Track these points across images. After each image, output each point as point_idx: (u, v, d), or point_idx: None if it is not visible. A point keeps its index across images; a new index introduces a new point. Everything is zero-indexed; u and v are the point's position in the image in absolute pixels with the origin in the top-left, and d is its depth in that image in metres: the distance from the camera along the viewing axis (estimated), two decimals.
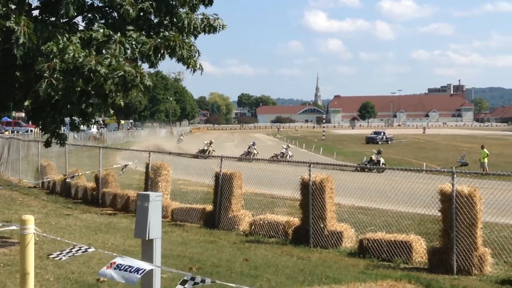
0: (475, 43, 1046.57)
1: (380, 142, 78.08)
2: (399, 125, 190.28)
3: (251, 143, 53.93)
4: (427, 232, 13.45)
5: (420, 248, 12.33)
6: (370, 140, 79.69)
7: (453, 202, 11.27)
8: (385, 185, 17.58)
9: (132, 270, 5.59)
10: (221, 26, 11.31)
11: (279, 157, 45.68)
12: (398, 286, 9.95)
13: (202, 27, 11.13)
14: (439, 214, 11.67)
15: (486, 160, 38.10)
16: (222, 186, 15.88)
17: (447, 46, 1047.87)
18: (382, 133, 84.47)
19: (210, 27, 11.21)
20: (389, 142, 79.59)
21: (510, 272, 10.81)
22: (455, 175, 11.65)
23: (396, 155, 53.23)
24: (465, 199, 11.21)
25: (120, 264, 5.70)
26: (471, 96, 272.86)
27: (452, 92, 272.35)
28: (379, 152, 43.34)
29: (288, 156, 47.71)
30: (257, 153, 48.97)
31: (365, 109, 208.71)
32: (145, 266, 5.66)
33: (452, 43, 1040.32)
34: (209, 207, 16.45)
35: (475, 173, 15.59)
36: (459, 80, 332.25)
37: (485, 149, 38.99)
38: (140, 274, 5.52)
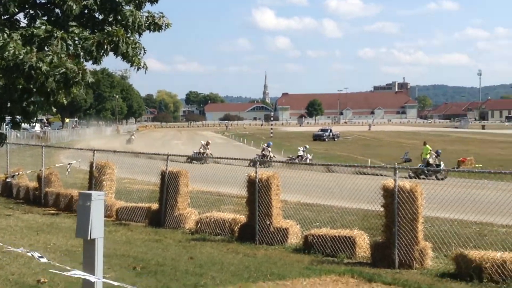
0: (419, 42, 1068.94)
1: (327, 139, 78.98)
2: (345, 122, 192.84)
3: (265, 145, 44.29)
4: (371, 227, 13.69)
5: (363, 243, 12.53)
6: (317, 137, 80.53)
7: (395, 197, 11.47)
8: (330, 182, 17.82)
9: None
10: (166, 25, 11.25)
11: (297, 161, 37.83)
12: (341, 281, 10.12)
13: (147, 25, 11.04)
14: (382, 209, 11.88)
15: (428, 156, 38.91)
16: (168, 184, 15.80)
17: (392, 44, 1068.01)
18: (329, 130, 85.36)
19: (155, 25, 11.13)
20: (336, 139, 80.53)
21: (450, 266, 11.08)
22: (397, 171, 11.90)
23: (342, 152, 53.90)
24: (407, 194, 11.43)
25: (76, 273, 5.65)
26: (415, 94, 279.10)
27: (396, 90, 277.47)
28: (438, 154, 34.19)
29: (308, 159, 39.98)
30: (273, 156, 41.85)
31: (313, 107, 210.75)
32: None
33: (397, 42, 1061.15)
34: (155, 206, 16.34)
35: (417, 169, 16.00)
36: (404, 78, 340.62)
37: (427, 145, 39.77)
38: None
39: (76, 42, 9.94)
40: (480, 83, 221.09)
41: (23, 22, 10.84)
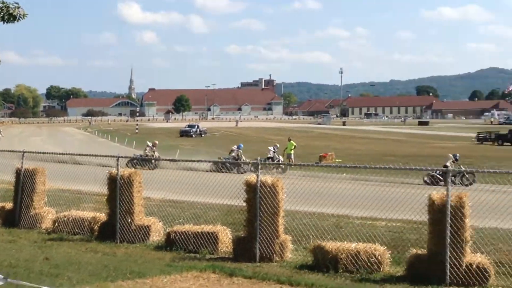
0: (284, 40, 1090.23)
1: (194, 136, 79.15)
2: (213, 119, 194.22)
3: (235, 146, 37.07)
4: (234, 222, 13.79)
5: (225, 238, 12.59)
6: (184, 133, 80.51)
7: (257, 192, 11.62)
8: (196, 179, 17.78)
9: None
10: (21, 15, 10.69)
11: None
12: (202, 277, 10.10)
13: (1, 16, 10.43)
14: (245, 204, 11.97)
15: (292, 151, 39.96)
16: (24, 182, 15.06)
17: (259, 41, 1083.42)
18: (196, 127, 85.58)
19: (10, 16, 10.55)
20: (203, 136, 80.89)
21: (308, 257, 11.40)
22: (259, 166, 12.06)
23: (208, 148, 54.16)
24: (269, 189, 11.61)
25: None
26: (280, 91, 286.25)
27: (263, 87, 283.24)
28: (456, 159, 28.86)
29: (280, 161, 34.99)
30: (245, 159, 33.83)
31: (180, 103, 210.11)
32: None
33: (264, 39, 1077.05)
34: (9, 205, 15.56)
35: (278, 164, 16.34)
36: (270, 75, 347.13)
37: (292, 141, 40.86)
38: None
39: None
40: (342, 81, 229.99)
41: None
